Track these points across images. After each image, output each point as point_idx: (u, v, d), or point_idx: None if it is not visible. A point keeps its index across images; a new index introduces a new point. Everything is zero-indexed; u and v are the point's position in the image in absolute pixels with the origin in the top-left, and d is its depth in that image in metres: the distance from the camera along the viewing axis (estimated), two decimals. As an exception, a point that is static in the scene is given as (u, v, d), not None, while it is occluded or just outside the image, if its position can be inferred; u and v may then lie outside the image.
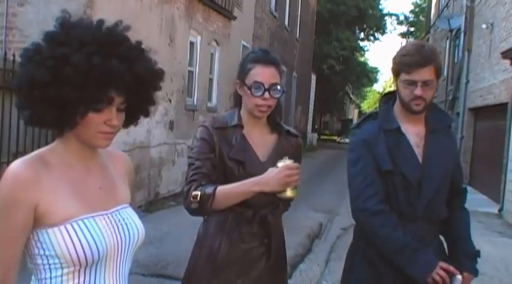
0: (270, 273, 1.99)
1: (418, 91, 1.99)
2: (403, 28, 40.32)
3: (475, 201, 10.08)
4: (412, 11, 39.19)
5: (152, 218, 6.83)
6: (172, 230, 6.13)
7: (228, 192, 1.81)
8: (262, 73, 1.93)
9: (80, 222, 1.26)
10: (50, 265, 1.26)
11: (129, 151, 7.46)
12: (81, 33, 1.23)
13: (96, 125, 1.27)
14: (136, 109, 1.38)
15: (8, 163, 5.08)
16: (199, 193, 1.80)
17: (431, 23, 22.80)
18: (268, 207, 1.98)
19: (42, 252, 1.25)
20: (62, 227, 1.24)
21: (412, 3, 45.76)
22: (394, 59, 2.09)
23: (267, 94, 1.92)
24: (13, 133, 5.10)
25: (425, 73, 1.99)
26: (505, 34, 10.17)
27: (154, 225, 6.15)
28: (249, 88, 1.92)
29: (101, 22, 1.29)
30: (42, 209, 1.23)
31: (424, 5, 34.02)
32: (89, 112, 1.24)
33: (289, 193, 1.77)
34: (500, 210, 9.21)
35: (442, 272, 1.94)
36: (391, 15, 41.15)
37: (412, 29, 38.80)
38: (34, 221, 1.24)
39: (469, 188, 12.47)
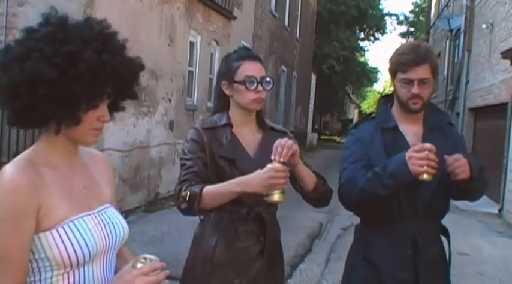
0: (267, 271, 2.00)
1: (415, 89, 2.00)
2: (403, 28, 40.34)
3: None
4: (412, 11, 39.22)
5: (152, 218, 6.83)
6: (172, 230, 6.13)
7: (214, 191, 1.83)
8: (251, 68, 1.98)
9: (71, 224, 1.25)
10: (39, 268, 1.24)
11: (129, 151, 7.46)
12: (80, 31, 1.23)
13: (90, 122, 1.27)
14: (116, 103, 1.39)
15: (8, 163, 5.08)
16: (188, 192, 1.83)
17: (431, 23, 22.80)
18: (263, 205, 1.98)
19: (31, 256, 1.23)
20: (54, 231, 1.22)
21: (412, 3, 45.79)
22: (391, 59, 2.11)
23: (260, 87, 1.97)
24: (13, 133, 5.10)
25: (422, 72, 2.00)
26: (505, 34, 10.17)
27: (154, 225, 6.15)
28: (243, 83, 1.96)
29: (90, 19, 1.29)
30: (41, 214, 1.22)
31: (424, 5, 34.02)
32: (90, 110, 1.25)
33: (275, 196, 1.73)
34: (500, 210, 9.21)
35: (413, 154, 1.85)
36: (391, 15, 41.15)
37: (412, 29, 38.82)
38: None
39: (469, 188, 12.40)
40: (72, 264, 1.24)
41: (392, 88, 2.23)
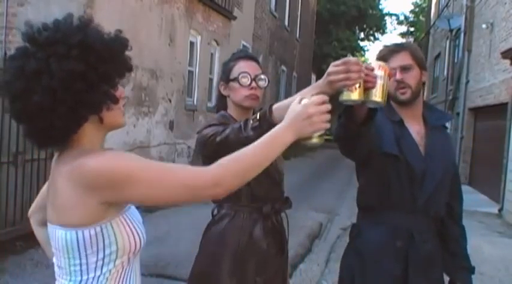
0: (283, 269, 2.04)
1: (397, 76, 2.04)
2: (403, 28, 40.32)
3: (475, 201, 10.08)
4: (412, 11, 39.20)
5: (152, 218, 6.82)
6: (172, 230, 6.13)
7: (283, 104, 1.60)
8: (245, 66, 2.02)
9: (128, 212, 1.28)
10: (104, 259, 1.24)
11: (129, 151, 7.46)
12: (68, 25, 1.23)
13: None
14: None
15: (8, 163, 5.08)
16: (258, 113, 1.66)
17: (431, 23, 22.80)
18: (279, 201, 2.04)
19: (101, 246, 1.23)
20: (121, 217, 1.25)
21: (412, 3, 45.77)
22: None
23: (254, 84, 1.99)
24: (13, 133, 5.10)
25: (401, 58, 2.05)
26: (505, 34, 10.17)
27: (154, 225, 6.13)
28: (236, 79, 1.99)
29: (60, 19, 1.28)
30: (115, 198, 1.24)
31: (424, 5, 34.02)
32: (114, 89, 1.27)
33: (316, 139, 1.41)
34: (500, 210, 9.20)
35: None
36: (391, 15, 41.14)
37: (412, 29, 38.82)
38: (102, 214, 1.21)
39: (469, 188, 12.44)
40: (136, 250, 1.28)
41: None
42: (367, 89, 1.49)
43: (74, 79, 1.18)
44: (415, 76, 2.07)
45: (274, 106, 1.68)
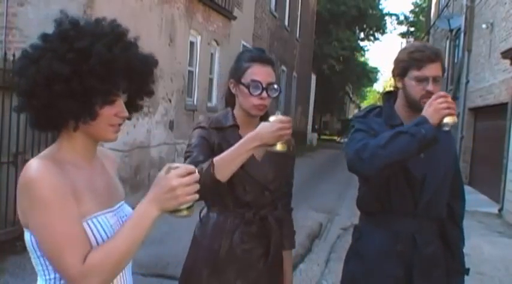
0: (269, 274, 1.99)
1: (430, 87, 1.97)
2: (403, 28, 40.29)
3: (475, 201, 10.07)
4: (412, 11, 39.18)
5: (152, 219, 6.82)
6: (172, 230, 6.12)
7: (227, 156, 1.74)
8: (259, 72, 1.91)
9: (94, 220, 1.25)
10: None
11: (129, 151, 7.46)
12: (91, 28, 1.25)
13: (108, 118, 1.27)
14: (134, 101, 1.39)
15: (8, 163, 5.08)
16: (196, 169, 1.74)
17: (431, 23, 22.79)
18: (268, 207, 1.99)
19: None
20: (83, 224, 1.23)
21: (412, 3, 45.79)
22: (400, 57, 2.06)
23: (264, 94, 1.90)
24: (13, 133, 5.10)
25: (436, 69, 1.99)
26: (505, 34, 10.17)
27: (154, 225, 6.13)
28: (247, 87, 1.90)
29: (100, 19, 1.31)
30: None
31: (424, 5, 34.01)
32: (105, 105, 1.25)
33: (279, 146, 1.78)
34: (500, 210, 9.20)
35: (433, 102, 1.87)
36: (391, 15, 41.10)
37: (412, 29, 38.79)
38: None
39: (469, 188, 12.41)
40: None
41: (392, 87, 2.22)
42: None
43: (55, 81, 1.19)
44: (439, 88, 2.03)
45: (216, 159, 1.73)
